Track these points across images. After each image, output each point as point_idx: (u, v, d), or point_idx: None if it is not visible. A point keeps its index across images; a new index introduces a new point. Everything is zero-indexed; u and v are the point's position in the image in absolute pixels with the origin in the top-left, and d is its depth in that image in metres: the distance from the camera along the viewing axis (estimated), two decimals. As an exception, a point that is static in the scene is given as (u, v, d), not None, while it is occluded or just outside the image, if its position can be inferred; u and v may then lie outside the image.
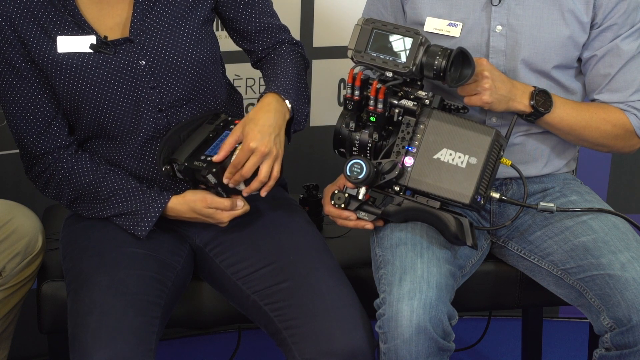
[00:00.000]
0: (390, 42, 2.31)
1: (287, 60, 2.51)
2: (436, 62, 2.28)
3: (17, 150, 2.50)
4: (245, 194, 2.34)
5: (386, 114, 2.33)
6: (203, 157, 2.36)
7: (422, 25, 2.49)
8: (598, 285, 2.34)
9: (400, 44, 2.30)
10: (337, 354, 2.25)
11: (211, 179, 2.34)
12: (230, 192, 2.37)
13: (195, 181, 2.39)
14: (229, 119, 2.45)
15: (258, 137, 2.29)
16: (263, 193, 2.33)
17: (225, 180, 2.32)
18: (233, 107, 2.56)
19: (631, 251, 2.36)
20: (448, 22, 2.49)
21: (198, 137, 2.40)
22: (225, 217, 2.38)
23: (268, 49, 2.56)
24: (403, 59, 2.30)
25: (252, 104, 3.32)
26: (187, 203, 2.38)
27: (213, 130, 2.41)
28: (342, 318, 2.28)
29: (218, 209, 2.37)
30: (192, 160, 2.36)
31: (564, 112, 2.44)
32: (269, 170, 2.31)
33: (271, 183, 2.32)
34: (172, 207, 2.40)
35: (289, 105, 2.39)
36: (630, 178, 3.44)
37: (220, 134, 2.41)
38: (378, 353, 2.31)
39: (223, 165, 2.33)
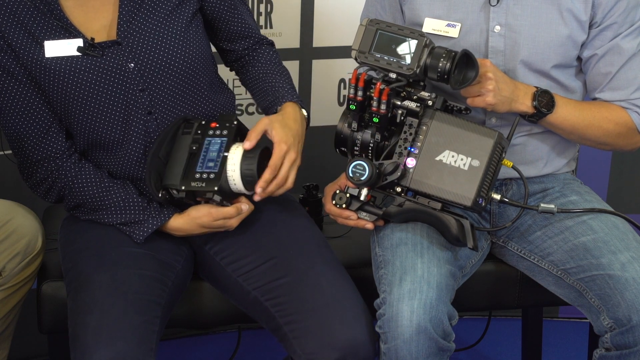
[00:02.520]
0: (394, 44, 2.31)
1: (281, 68, 2.57)
2: (440, 65, 2.28)
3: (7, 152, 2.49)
4: (258, 198, 2.34)
5: (389, 114, 2.33)
6: (198, 175, 2.34)
7: (421, 26, 2.49)
8: (598, 286, 2.34)
9: (405, 46, 2.30)
10: (338, 347, 2.25)
11: (216, 198, 2.34)
12: (232, 199, 2.38)
13: (195, 199, 2.39)
14: (203, 122, 2.41)
15: (290, 140, 2.35)
16: (277, 193, 2.36)
17: (258, 189, 2.32)
18: (224, 106, 2.56)
19: (631, 251, 2.36)
20: (446, 22, 2.49)
21: (181, 154, 2.38)
22: (234, 223, 2.39)
23: (248, 49, 2.59)
24: (407, 60, 2.30)
25: (252, 104, 3.32)
26: (194, 221, 2.39)
27: (193, 142, 2.38)
28: (343, 311, 2.28)
29: (225, 218, 2.38)
30: (189, 182, 2.34)
31: (567, 112, 2.44)
32: (294, 178, 2.36)
33: (288, 186, 2.37)
34: (179, 227, 2.41)
35: (305, 115, 2.46)
36: (630, 178, 3.45)
37: (203, 144, 2.38)
38: (379, 346, 2.31)
39: (223, 182, 2.33)
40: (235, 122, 2.40)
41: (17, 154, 2.44)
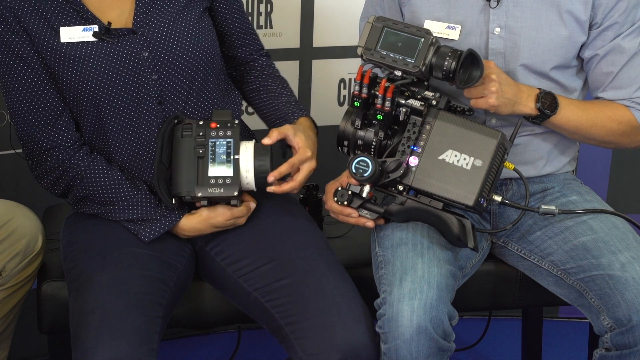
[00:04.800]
0: (400, 41, 2.31)
1: (282, 80, 2.63)
2: (446, 63, 2.28)
3: (18, 150, 2.49)
4: (271, 191, 2.40)
5: (393, 112, 2.33)
6: (213, 180, 2.36)
7: (421, 27, 2.49)
8: (598, 286, 2.34)
9: (411, 44, 2.30)
10: (339, 348, 2.25)
11: (238, 203, 2.38)
12: (241, 197, 2.41)
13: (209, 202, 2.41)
14: (201, 123, 2.41)
15: (313, 149, 2.45)
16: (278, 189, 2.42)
17: (271, 179, 2.37)
18: (230, 107, 2.57)
19: (631, 251, 2.36)
20: (447, 24, 2.48)
21: (187, 159, 2.38)
22: (243, 220, 2.44)
23: (250, 57, 2.62)
24: (413, 58, 2.30)
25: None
26: (207, 220, 2.41)
27: (197, 146, 2.39)
28: (344, 313, 2.28)
29: (237, 217, 2.41)
30: (205, 188, 2.35)
31: (570, 113, 2.44)
32: (305, 181, 2.43)
33: (288, 187, 2.42)
34: (192, 227, 2.42)
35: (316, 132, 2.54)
36: (630, 178, 3.45)
37: (208, 147, 2.38)
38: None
39: (241, 188, 2.36)
40: (236, 121, 2.41)
41: (26, 142, 2.44)
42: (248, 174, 2.36)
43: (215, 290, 2.53)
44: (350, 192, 2.37)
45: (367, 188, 2.36)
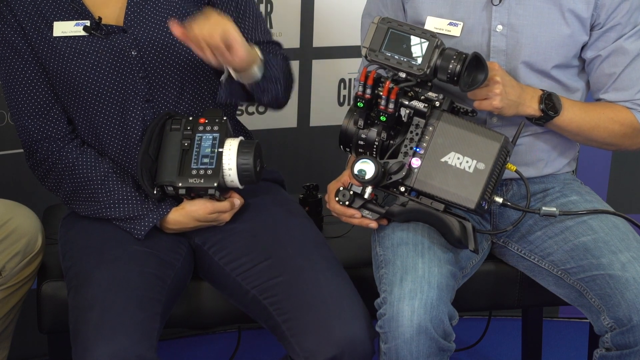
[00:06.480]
0: (405, 43, 2.30)
1: (280, 61, 2.50)
2: (451, 66, 2.27)
3: (18, 150, 2.50)
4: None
5: (396, 114, 2.33)
6: (194, 171, 2.37)
7: (423, 24, 2.48)
8: (598, 285, 2.34)
9: (416, 46, 2.30)
10: (336, 343, 2.25)
11: (217, 194, 2.37)
12: (225, 194, 2.41)
13: (190, 195, 2.41)
14: (190, 118, 2.43)
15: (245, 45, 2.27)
16: None
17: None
18: (226, 109, 2.56)
19: (631, 251, 2.36)
20: (449, 21, 2.48)
21: (172, 151, 2.40)
22: (227, 217, 2.44)
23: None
24: (418, 60, 2.29)
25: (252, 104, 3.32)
26: (189, 214, 2.41)
27: (184, 139, 2.40)
28: (340, 308, 2.28)
29: (220, 212, 2.41)
30: (185, 178, 2.37)
31: (573, 114, 2.44)
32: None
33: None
34: (174, 220, 2.43)
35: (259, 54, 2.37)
36: (630, 178, 3.45)
37: (194, 141, 2.40)
38: (378, 344, 2.31)
39: (221, 183, 2.36)
40: (224, 118, 2.42)
41: (20, 132, 2.47)
42: (231, 172, 2.37)
43: (215, 290, 2.53)
44: (351, 192, 2.37)
45: (369, 189, 2.36)
